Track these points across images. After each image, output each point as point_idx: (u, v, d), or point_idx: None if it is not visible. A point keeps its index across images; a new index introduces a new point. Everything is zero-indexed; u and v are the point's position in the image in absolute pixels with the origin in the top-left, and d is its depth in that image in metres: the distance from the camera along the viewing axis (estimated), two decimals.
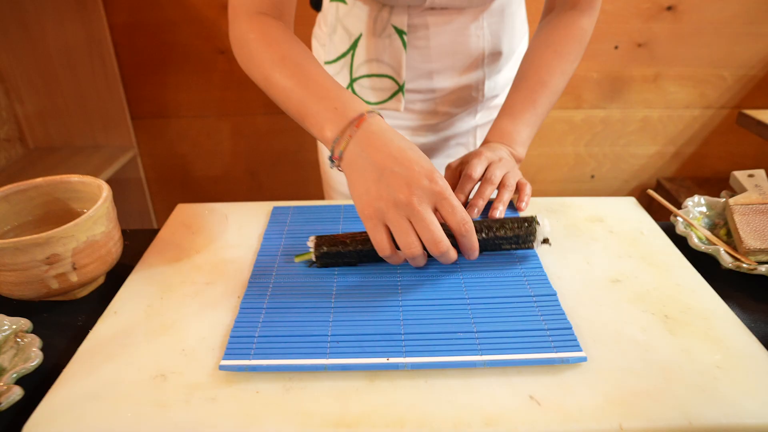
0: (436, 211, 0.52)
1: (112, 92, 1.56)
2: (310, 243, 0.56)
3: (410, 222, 0.50)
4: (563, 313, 0.49)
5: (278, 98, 0.62)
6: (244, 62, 0.66)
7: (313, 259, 0.56)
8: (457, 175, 0.69)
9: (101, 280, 0.61)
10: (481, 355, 0.44)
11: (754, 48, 1.60)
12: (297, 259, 0.57)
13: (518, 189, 0.68)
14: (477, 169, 0.66)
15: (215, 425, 0.41)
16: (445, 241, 0.50)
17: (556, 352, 0.44)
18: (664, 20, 1.57)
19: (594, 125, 1.71)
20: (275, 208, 0.70)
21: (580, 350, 0.45)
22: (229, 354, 0.45)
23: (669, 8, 1.55)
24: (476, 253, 0.54)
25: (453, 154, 0.95)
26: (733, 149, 1.74)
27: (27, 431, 0.40)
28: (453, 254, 0.52)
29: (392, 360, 0.44)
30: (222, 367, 0.44)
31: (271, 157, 1.73)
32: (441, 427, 0.40)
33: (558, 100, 0.95)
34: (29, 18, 1.45)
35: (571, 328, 0.47)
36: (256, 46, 0.63)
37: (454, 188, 0.67)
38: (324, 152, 0.98)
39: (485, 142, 0.75)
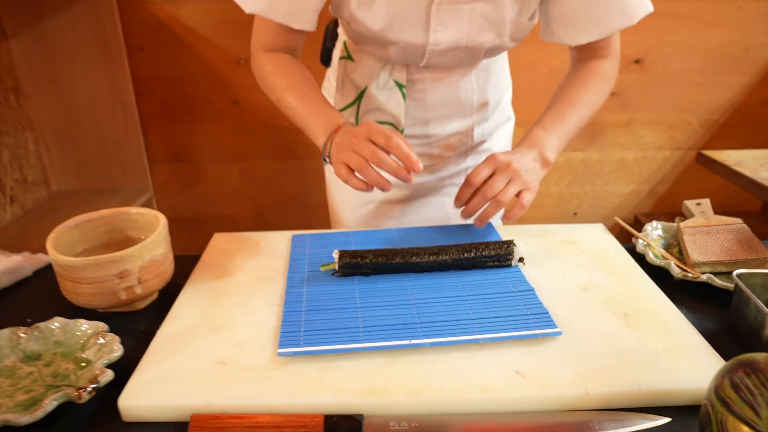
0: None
1: (131, 139, 1.69)
2: (335, 255, 0.68)
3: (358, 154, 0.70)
4: (540, 303, 0.62)
5: (287, 113, 0.84)
6: (263, 87, 0.87)
7: (336, 268, 0.68)
8: (476, 178, 0.75)
9: (155, 296, 0.72)
10: (481, 334, 0.56)
11: (714, 96, 1.77)
12: (323, 268, 0.69)
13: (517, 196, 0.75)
14: (479, 176, 0.74)
15: (268, 397, 0.51)
16: (386, 157, 0.68)
17: (537, 329, 0.56)
18: (634, 72, 1.75)
19: (575, 166, 1.86)
20: (294, 236, 0.82)
21: (556, 327, 0.57)
22: (283, 344, 0.56)
23: (637, 61, 1.73)
24: (410, 159, 0.68)
25: (447, 193, 1.08)
26: (702, 186, 1.89)
27: (122, 401, 0.51)
28: (385, 157, 0.69)
29: (414, 341, 0.56)
30: (280, 354, 0.55)
31: (278, 198, 1.86)
32: (447, 394, 0.51)
33: None
34: (60, 71, 1.59)
35: (547, 312, 0.59)
36: (271, 76, 0.85)
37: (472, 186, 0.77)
38: (332, 191, 1.10)
39: (516, 146, 0.81)
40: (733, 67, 1.74)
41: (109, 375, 0.53)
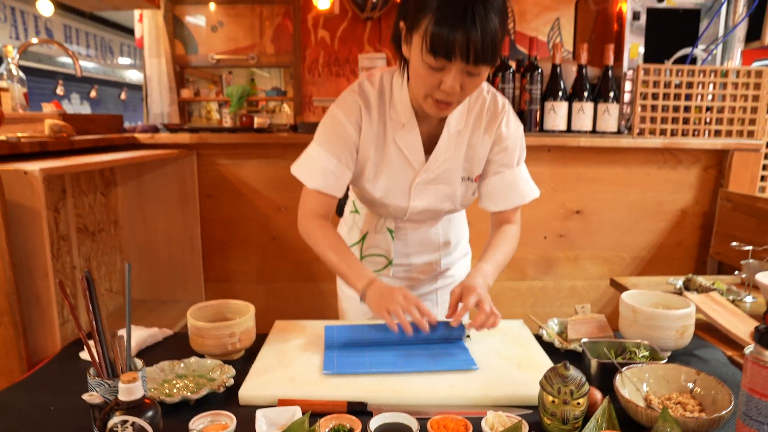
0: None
1: (194, 262, 2.22)
2: None
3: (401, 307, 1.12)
4: (469, 353, 1.09)
5: (327, 262, 1.27)
6: (311, 242, 1.30)
7: None
8: (457, 297, 1.16)
9: (243, 353, 1.19)
10: (434, 365, 1.04)
11: (639, 238, 2.31)
12: None
13: (478, 307, 1.22)
14: (456, 296, 1.16)
15: (318, 394, 0.97)
16: (415, 312, 1.11)
17: (464, 366, 1.04)
18: (576, 220, 2.30)
19: (535, 292, 2.35)
20: (327, 326, 1.29)
21: (474, 364, 1.04)
22: (326, 368, 1.04)
23: (577, 212, 2.29)
24: (431, 317, 1.12)
25: None
26: None
27: (241, 392, 0.97)
28: (418, 315, 1.11)
29: (396, 370, 1.03)
30: (324, 373, 1.02)
31: (300, 312, 2.34)
32: (413, 395, 0.97)
33: (506, 274, 1.55)
34: (148, 210, 2.17)
35: (473, 360, 1.07)
36: (321, 237, 1.29)
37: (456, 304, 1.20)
38: (342, 303, 1.56)
39: (469, 275, 1.22)
40: (651, 217, 2.30)
41: (231, 381, 1.00)
